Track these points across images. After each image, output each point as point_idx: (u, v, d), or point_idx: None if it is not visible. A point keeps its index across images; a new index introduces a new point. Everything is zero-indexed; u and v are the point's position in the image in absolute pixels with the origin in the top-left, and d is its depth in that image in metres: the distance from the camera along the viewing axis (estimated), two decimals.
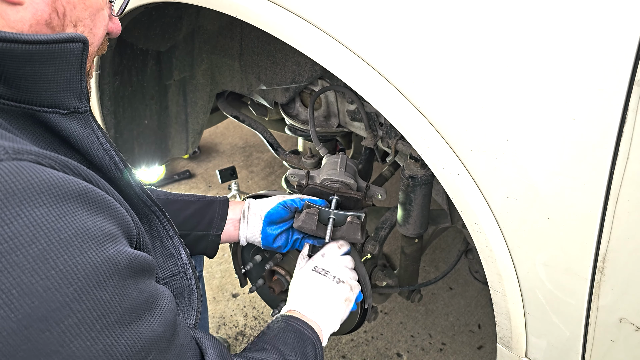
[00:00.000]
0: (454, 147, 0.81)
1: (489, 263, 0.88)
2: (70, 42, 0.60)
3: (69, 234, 0.51)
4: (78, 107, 0.65)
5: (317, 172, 1.30)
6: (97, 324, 0.52)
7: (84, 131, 0.67)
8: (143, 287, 0.59)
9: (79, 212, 0.53)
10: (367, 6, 0.81)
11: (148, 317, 0.59)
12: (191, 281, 0.89)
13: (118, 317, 0.54)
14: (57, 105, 0.63)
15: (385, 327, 1.97)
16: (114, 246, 0.56)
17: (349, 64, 0.86)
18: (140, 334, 0.56)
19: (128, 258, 0.57)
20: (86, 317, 0.51)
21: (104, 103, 1.53)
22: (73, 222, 0.52)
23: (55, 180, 0.52)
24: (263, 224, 1.14)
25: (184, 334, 0.68)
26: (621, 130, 0.65)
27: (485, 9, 0.70)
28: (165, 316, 0.62)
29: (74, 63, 0.62)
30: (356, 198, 1.18)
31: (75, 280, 0.50)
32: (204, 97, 1.72)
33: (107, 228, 0.56)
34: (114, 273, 0.54)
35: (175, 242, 0.89)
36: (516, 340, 0.93)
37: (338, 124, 1.46)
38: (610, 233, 0.72)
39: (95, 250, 0.53)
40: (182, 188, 2.79)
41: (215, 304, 2.07)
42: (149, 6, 1.22)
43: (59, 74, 0.61)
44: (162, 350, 0.60)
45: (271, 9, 0.91)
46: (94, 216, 0.55)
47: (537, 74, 0.69)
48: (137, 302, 0.57)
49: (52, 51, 0.59)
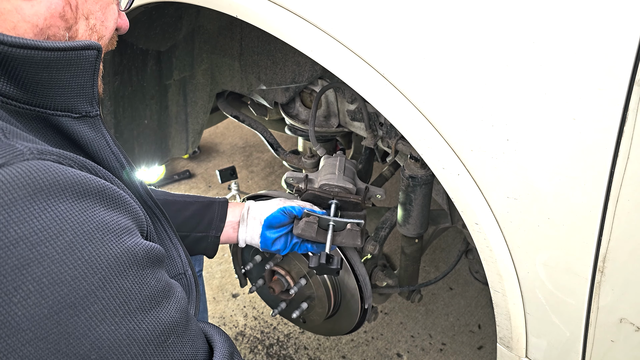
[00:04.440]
0: (454, 147, 0.81)
1: (489, 263, 0.88)
2: (87, 50, 0.63)
3: (91, 227, 0.54)
4: (89, 111, 0.68)
5: (316, 174, 1.29)
6: (120, 310, 0.56)
7: (94, 135, 0.69)
8: (160, 276, 0.63)
9: (97, 207, 0.56)
10: (367, 6, 0.81)
11: (166, 304, 0.63)
12: (190, 282, 0.90)
13: (139, 304, 0.58)
14: (69, 109, 0.66)
15: (385, 328, 1.97)
16: (131, 238, 0.59)
17: (349, 64, 0.86)
18: (160, 319, 0.60)
19: (145, 249, 0.60)
20: (110, 303, 0.55)
21: (104, 103, 1.53)
22: (94, 216, 0.55)
23: (77, 178, 0.55)
24: (262, 228, 1.15)
25: (194, 322, 0.72)
26: (621, 130, 0.65)
27: (485, 8, 0.70)
28: (180, 304, 0.66)
29: (89, 69, 0.65)
30: (355, 202, 1.18)
31: (100, 269, 0.54)
32: (204, 97, 1.72)
33: (124, 222, 0.59)
34: (133, 263, 0.58)
35: (175, 244, 0.89)
36: (516, 340, 0.93)
37: (338, 123, 1.46)
38: (610, 233, 0.72)
39: (115, 242, 0.56)
40: (182, 188, 2.79)
41: (215, 304, 2.07)
42: (149, 6, 1.22)
43: (74, 80, 0.64)
44: (179, 334, 0.64)
45: (271, 9, 0.91)
46: (111, 211, 0.58)
47: (537, 74, 0.69)
48: (155, 290, 0.61)
49: (69, 58, 0.61)
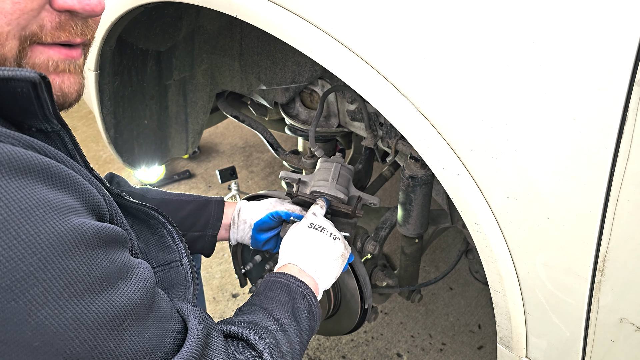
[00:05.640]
0: (454, 147, 0.81)
1: (489, 263, 0.88)
2: (11, 81, 0.55)
3: (30, 204, 0.50)
4: (45, 128, 0.63)
5: (310, 177, 1.29)
6: (64, 293, 0.51)
7: (55, 147, 0.65)
8: (114, 257, 0.59)
9: (38, 185, 0.52)
10: (367, 6, 0.81)
11: (122, 285, 0.58)
12: (187, 271, 0.88)
13: (87, 286, 0.54)
14: (21, 122, 0.61)
15: (386, 328, 1.97)
16: (78, 218, 0.55)
17: (349, 64, 0.86)
18: (113, 302, 0.56)
19: (94, 229, 0.56)
20: (52, 285, 0.51)
21: (104, 103, 1.53)
22: (33, 194, 0.51)
23: (15, 155, 0.51)
24: (252, 231, 1.18)
25: (165, 303, 0.67)
26: (621, 130, 0.65)
27: (485, 8, 0.70)
28: (142, 284, 0.61)
29: (23, 98, 0.57)
30: (345, 212, 1.18)
31: (39, 249, 0.50)
32: (203, 97, 1.72)
33: (70, 202, 0.55)
34: (80, 242, 0.54)
35: (170, 232, 0.88)
36: (516, 340, 0.93)
37: (338, 123, 1.46)
38: (610, 233, 0.72)
39: (58, 220, 0.52)
40: (182, 188, 2.79)
41: (215, 304, 2.07)
42: (148, 6, 1.22)
43: (9, 103, 0.58)
44: (140, 317, 0.60)
45: (271, 9, 0.91)
46: (55, 190, 0.54)
47: (537, 73, 0.69)
48: (108, 270, 0.56)
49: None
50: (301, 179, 1.27)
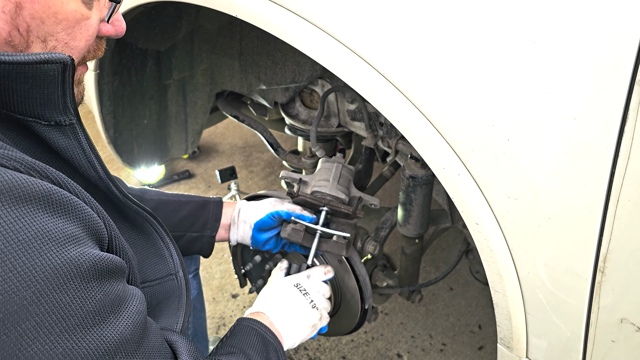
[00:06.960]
0: (454, 147, 0.81)
1: (489, 263, 0.87)
2: (45, 64, 0.57)
3: (28, 235, 0.50)
4: (61, 120, 0.64)
5: (311, 177, 1.29)
6: (56, 327, 0.51)
7: (68, 142, 0.66)
8: (109, 289, 0.58)
9: (39, 213, 0.52)
10: (367, 5, 0.80)
11: (114, 319, 0.58)
12: (181, 284, 0.89)
13: (80, 320, 0.53)
14: (38, 116, 0.62)
15: (386, 328, 1.97)
16: (77, 248, 0.54)
17: (349, 64, 0.86)
18: (104, 337, 0.55)
19: (92, 260, 0.56)
20: (45, 320, 0.50)
21: (103, 103, 1.53)
22: (33, 224, 0.51)
23: (16, 182, 0.50)
24: (252, 231, 1.18)
25: (155, 337, 0.67)
26: (622, 130, 0.65)
27: (485, 8, 0.70)
28: (133, 318, 0.61)
29: (52, 82, 0.59)
30: (346, 213, 1.18)
31: (34, 282, 0.49)
32: (203, 97, 1.72)
33: (70, 230, 0.55)
34: (76, 275, 0.53)
35: (167, 244, 0.89)
36: (517, 340, 0.93)
37: (338, 123, 1.46)
38: (611, 233, 0.72)
39: (56, 252, 0.52)
40: (182, 188, 2.78)
41: (215, 304, 2.06)
42: (148, 6, 1.22)
43: (35, 91, 0.59)
44: (129, 352, 0.59)
45: (271, 8, 0.91)
46: (56, 218, 0.54)
47: (537, 73, 0.69)
48: (101, 304, 0.56)
49: (23, 71, 0.56)
50: (302, 178, 1.27)
